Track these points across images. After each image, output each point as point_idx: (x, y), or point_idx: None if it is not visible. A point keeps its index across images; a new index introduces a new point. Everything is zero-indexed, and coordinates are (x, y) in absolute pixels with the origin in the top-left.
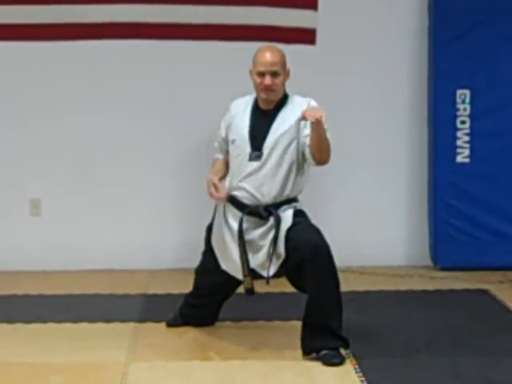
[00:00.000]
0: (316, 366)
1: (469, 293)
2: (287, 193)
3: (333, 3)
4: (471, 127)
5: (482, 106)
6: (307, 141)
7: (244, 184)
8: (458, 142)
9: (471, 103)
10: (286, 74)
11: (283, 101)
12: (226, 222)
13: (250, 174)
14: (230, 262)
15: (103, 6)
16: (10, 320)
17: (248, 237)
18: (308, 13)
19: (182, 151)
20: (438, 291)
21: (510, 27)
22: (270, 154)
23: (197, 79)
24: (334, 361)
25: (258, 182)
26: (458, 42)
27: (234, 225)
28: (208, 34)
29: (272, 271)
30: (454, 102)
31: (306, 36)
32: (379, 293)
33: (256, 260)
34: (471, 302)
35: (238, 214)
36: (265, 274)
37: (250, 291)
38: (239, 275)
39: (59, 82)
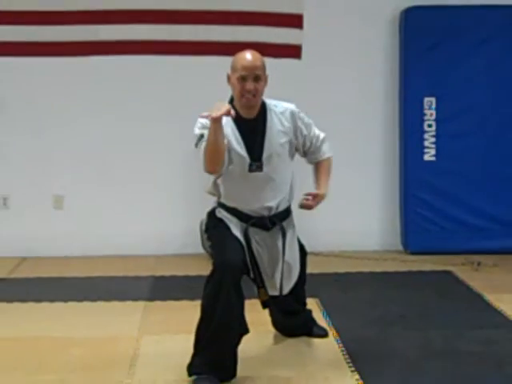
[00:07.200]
0: (301, 337)
1: (435, 274)
2: (286, 200)
3: (317, 23)
4: (437, 130)
5: (446, 111)
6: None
7: (245, 195)
8: (426, 143)
9: (437, 109)
10: (266, 79)
11: (263, 107)
12: (231, 232)
13: (253, 185)
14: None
15: (116, 26)
16: (37, 299)
17: (263, 249)
18: (294, 31)
19: (186, 152)
20: (408, 272)
21: (471, 43)
22: (269, 163)
23: (197, 90)
24: (319, 332)
25: (260, 191)
26: (426, 56)
27: (238, 234)
28: (206, 50)
29: (286, 290)
30: (422, 108)
31: (293, 51)
32: (358, 274)
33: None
34: (437, 281)
35: (242, 224)
36: (276, 292)
37: (267, 303)
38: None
39: (80, 93)
